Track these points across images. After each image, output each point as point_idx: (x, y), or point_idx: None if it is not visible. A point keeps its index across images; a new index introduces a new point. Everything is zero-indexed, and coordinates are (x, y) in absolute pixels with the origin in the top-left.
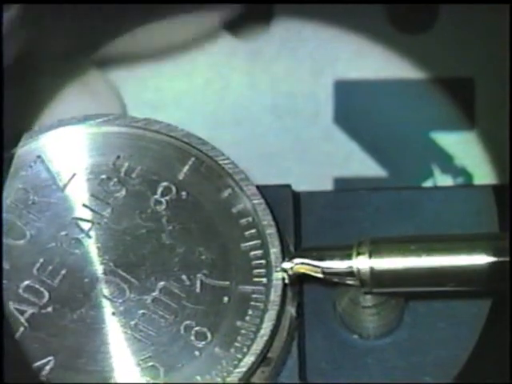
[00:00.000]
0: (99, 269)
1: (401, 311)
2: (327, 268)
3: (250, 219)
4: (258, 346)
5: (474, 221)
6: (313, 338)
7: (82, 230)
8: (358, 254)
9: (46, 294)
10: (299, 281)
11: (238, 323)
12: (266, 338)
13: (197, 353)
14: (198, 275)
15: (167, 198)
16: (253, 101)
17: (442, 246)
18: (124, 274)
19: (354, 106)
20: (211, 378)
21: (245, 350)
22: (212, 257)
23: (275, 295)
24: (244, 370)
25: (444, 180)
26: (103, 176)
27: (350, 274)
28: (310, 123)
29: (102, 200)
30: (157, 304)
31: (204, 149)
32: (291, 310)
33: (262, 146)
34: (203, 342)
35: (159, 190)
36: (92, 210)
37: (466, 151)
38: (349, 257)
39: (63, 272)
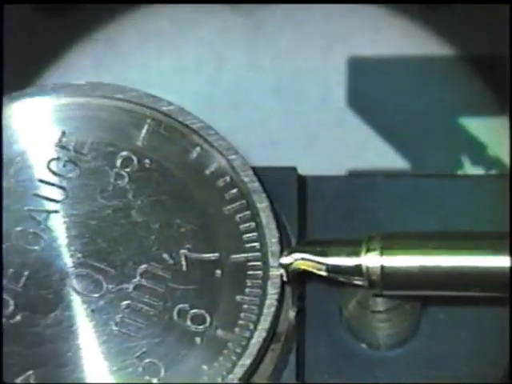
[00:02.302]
0: (66, 263)
1: (416, 318)
2: (332, 265)
3: (228, 178)
4: (265, 319)
5: (506, 216)
6: (314, 347)
7: (38, 223)
8: (368, 250)
9: (11, 302)
10: (300, 279)
11: (238, 298)
12: (273, 309)
13: (197, 339)
14: (182, 251)
15: (128, 169)
16: (253, 82)
17: (465, 245)
18: (96, 263)
19: (370, 87)
20: (219, 365)
21: (251, 327)
22: (193, 228)
23: (274, 260)
24: (255, 350)
25: (475, 172)
26: (50, 157)
27: (359, 272)
28: (318, 107)
29: (54, 185)
30: (141, 291)
31: (160, 107)
32: (290, 313)
33: (264, 133)
34: (202, 326)
35: (118, 162)
36: (45, 197)
37: (500, 139)
38: (357, 253)
39: (26, 273)
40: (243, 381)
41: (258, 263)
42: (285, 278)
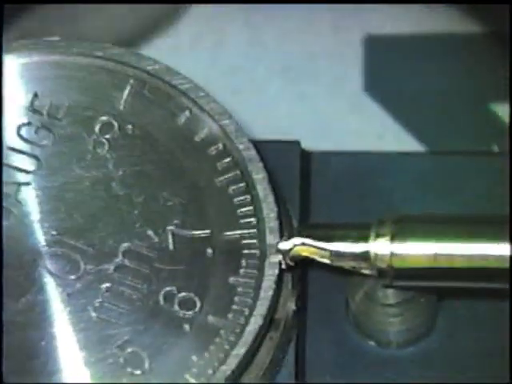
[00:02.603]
0: (39, 241)
1: (432, 313)
2: (337, 252)
3: (220, 146)
4: (262, 304)
5: None
6: (316, 344)
7: (7, 196)
8: (378, 235)
9: None
10: (301, 267)
11: (232, 280)
12: (271, 293)
13: (186, 326)
14: (169, 227)
15: (109, 136)
16: (256, 62)
17: (488, 230)
18: (72, 241)
19: (388, 69)
20: (210, 355)
21: (246, 312)
22: (181, 201)
23: (272, 238)
24: (251, 338)
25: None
26: (20, 122)
27: (367, 260)
28: (332, 91)
29: (25, 153)
30: (122, 273)
31: (144, 66)
32: (289, 305)
33: (270, 120)
34: (191, 312)
35: (97, 128)
36: (15, 168)
37: None
38: (365, 238)
39: None
40: (237, 372)
41: (254, 241)
42: (283, 266)
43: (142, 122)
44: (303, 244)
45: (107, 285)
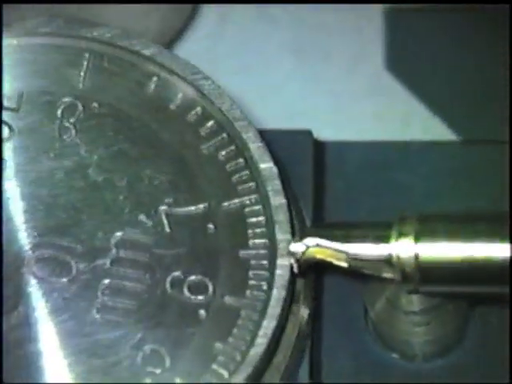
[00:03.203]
0: (23, 246)
1: (461, 322)
2: (355, 254)
3: (199, 110)
4: (281, 273)
5: None
6: (333, 357)
7: None
8: (400, 235)
9: None
10: (315, 271)
11: (242, 253)
12: (287, 260)
13: (201, 312)
14: (161, 208)
15: (74, 119)
16: (265, 38)
17: None
18: (57, 241)
19: (412, 46)
20: (235, 339)
21: (264, 286)
22: (168, 178)
23: (277, 199)
24: (277, 312)
25: None
26: None
27: (388, 263)
28: (349, 70)
29: None
30: (120, 265)
31: (98, 35)
32: (302, 313)
33: (280, 102)
34: (204, 296)
35: (59, 113)
36: None
37: None
38: (387, 239)
39: None
40: (268, 354)
41: (258, 207)
42: (296, 270)
43: (107, 98)
44: (318, 245)
45: (106, 281)
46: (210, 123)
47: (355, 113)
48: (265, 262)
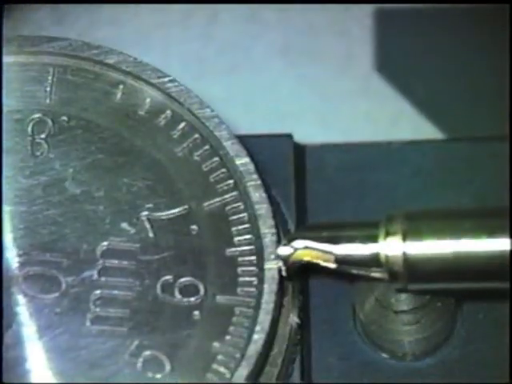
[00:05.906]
0: (9, 264)
1: (450, 319)
2: (343, 255)
3: (169, 113)
4: (269, 270)
5: None
6: (323, 359)
7: None
8: (388, 234)
9: None
10: (303, 273)
11: (228, 251)
12: (274, 250)
13: (195, 313)
14: (142, 214)
15: (44, 135)
16: (254, 39)
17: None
18: (42, 257)
19: (402, 47)
20: (233, 337)
21: (255, 281)
22: (146, 183)
23: (257, 197)
24: (271, 306)
25: None
26: None
27: (377, 263)
28: (339, 71)
29: None
30: (108, 275)
31: (59, 48)
32: (291, 316)
33: (269, 103)
34: (196, 297)
35: (29, 129)
36: None
37: None
38: (374, 238)
39: None
40: (266, 349)
41: (239, 204)
42: (284, 273)
43: (75, 111)
44: (305, 247)
45: (97, 292)
46: (182, 125)
47: (345, 114)
48: (253, 258)
